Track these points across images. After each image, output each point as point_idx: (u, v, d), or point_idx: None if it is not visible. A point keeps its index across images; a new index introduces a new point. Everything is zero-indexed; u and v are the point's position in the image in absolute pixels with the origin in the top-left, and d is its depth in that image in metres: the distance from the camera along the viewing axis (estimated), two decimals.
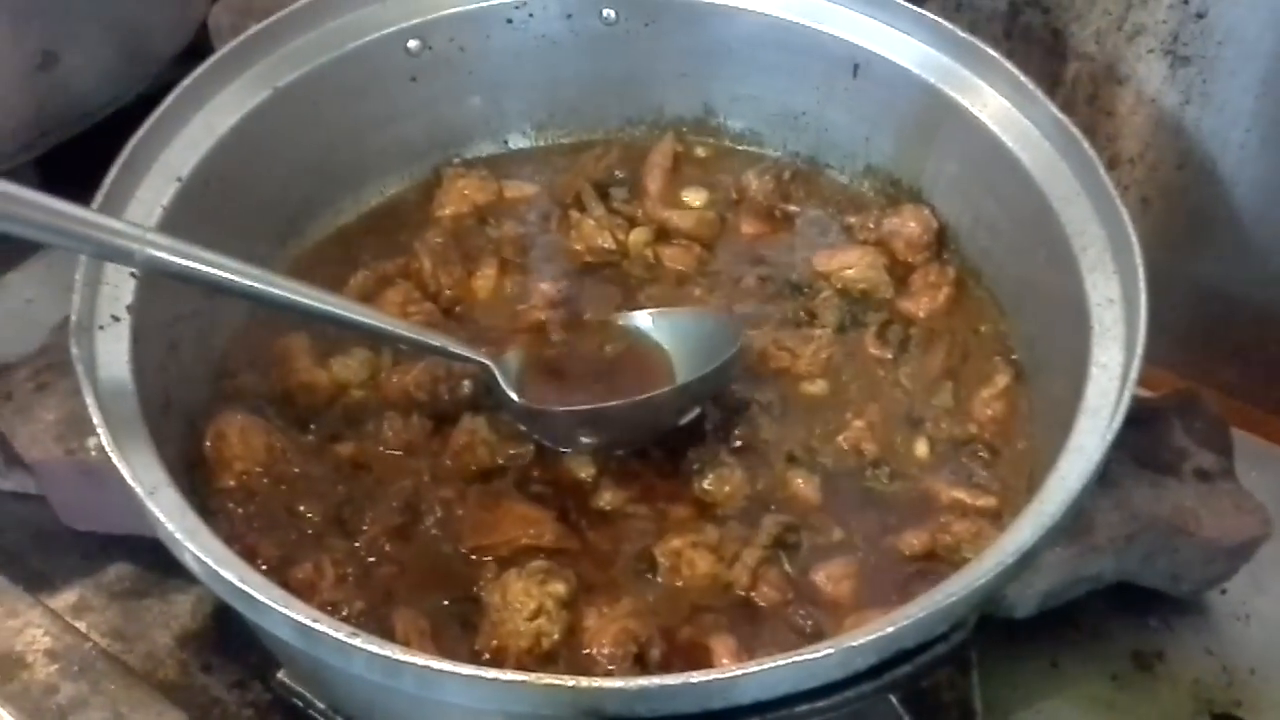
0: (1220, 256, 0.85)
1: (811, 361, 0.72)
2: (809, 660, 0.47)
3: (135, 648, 0.72)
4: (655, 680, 0.47)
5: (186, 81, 0.69)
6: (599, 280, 0.77)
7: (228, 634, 0.72)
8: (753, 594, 0.61)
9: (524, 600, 0.58)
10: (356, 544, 0.63)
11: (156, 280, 0.64)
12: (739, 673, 0.47)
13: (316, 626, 0.48)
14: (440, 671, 0.46)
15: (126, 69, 0.93)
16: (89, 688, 0.69)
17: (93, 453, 0.73)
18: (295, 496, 0.64)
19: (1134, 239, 0.61)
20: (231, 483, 0.64)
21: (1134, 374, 0.57)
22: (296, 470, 0.65)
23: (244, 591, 0.50)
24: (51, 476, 0.74)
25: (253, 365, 0.70)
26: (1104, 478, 0.73)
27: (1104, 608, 0.74)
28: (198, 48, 0.95)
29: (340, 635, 0.47)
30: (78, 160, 0.91)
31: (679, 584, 0.62)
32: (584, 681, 0.46)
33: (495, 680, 0.47)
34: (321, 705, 0.66)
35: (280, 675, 0.68)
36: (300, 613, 0.48)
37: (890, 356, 0.72)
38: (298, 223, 0.78)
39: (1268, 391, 0.86)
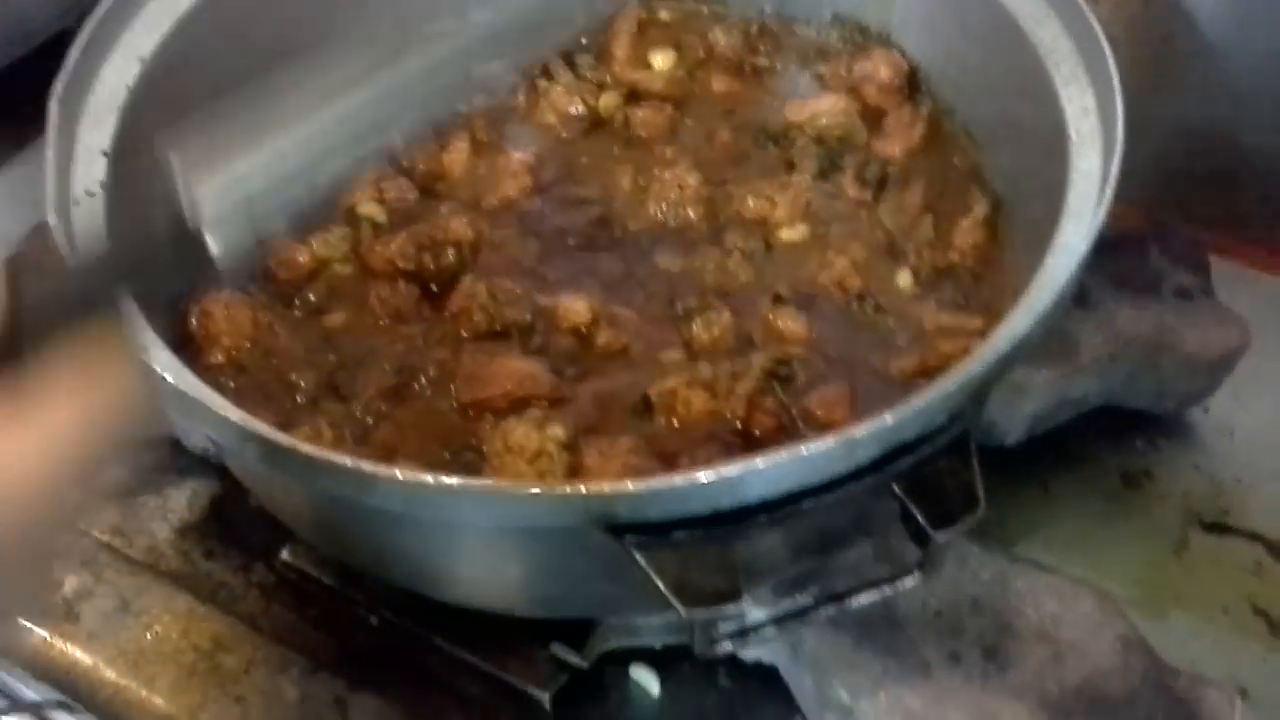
0: (1189, 93, 0.85)
1: (791, 207, 0.72)
2: (813, 453, 0.47)
3: (136, 542, 0.72)
4: (663, 481, 0.47)
5: None
6: (572, 147, 0.77)
7: (227, 522, 0.72)
8: (750, 423, 0.62)
9: (524, 444, 0.59)
10: (352, 407, 0.63)
11: (128, 159, 0.63)
12: (745, 469, 0.47)
13: (333, 459, 0.48)
14: (454, 488, 0.47)
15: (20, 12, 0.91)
16: (93, 579, 0.69)
17: None
18: (286, 367, 0.64)
19: (1105, 46, 0.62)
20: (221, 358, 0.64)
21: (1114, 173, 0.57)
22: (285, 343, 0.65)
23: (255, 433, 0.50)
24: None
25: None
26: (1085, 300, 0.75)
27: (1090, 432, 0.75)
28: None
29: (361, 466, 0.47)
30: (21, 83, 0.90)
31: (676, 423, 0.62)
32: (594, 487, 0.47)
33: (508, 493, 0.47)
34: (327, 580, 0.67)
35: (284, 554, 0.69)
36: (314, 449, 0.48)
37: (869, 197, 0.73)
38: None
39: (1243, 221, 0.87)
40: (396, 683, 0.65)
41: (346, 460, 0.48)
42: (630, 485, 0.47)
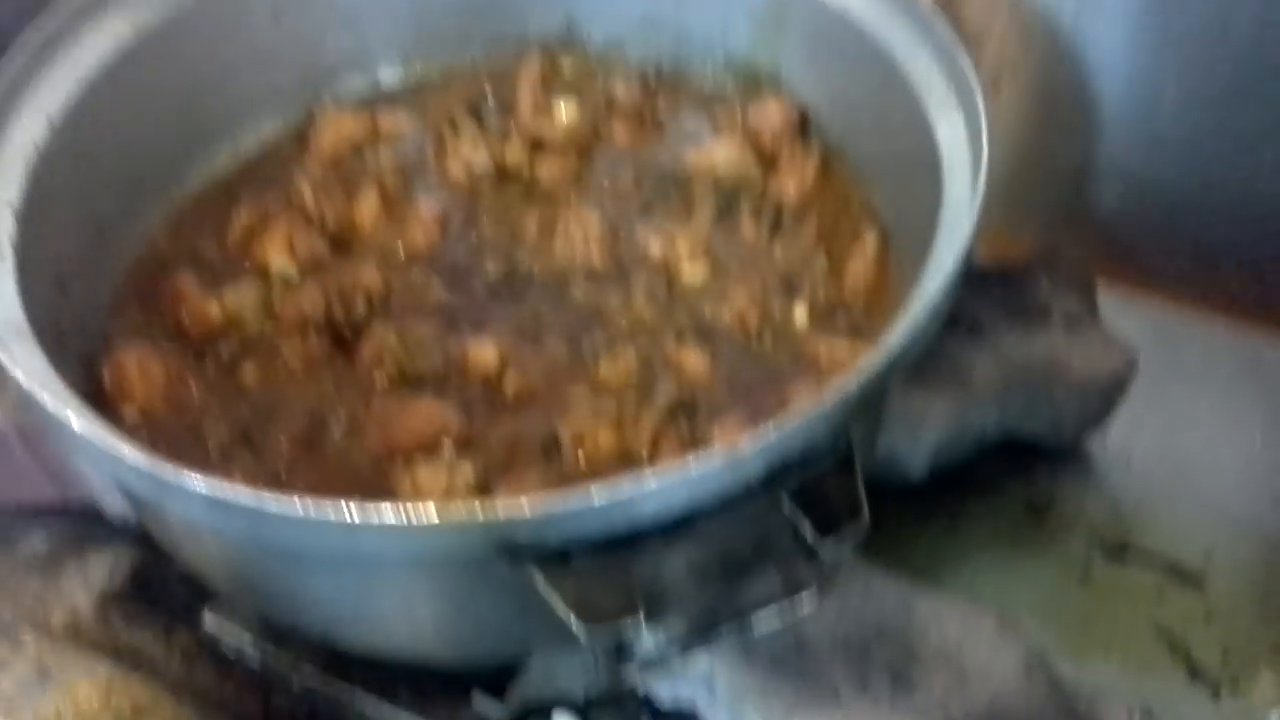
0: (1071, 127, 0.90)
1: (692, 246, 0.74)
2: (701, 469, 0.49)
3: (56, 611, 0.72)
4: (558, 499, 0.49)
5: (46, 17, 0.69)
6: (479, 198, 0.79)
7: (148, 588, 0.73)
8: (656, 457, 0.63)
9: (433, 484, 0.60)
10: (265, 457, 0.64)
11: (36, 217, 0.64)
12: (636, 487, 0.49)
13: (234, 493, 0.49)
14: (356, 521, 0.48)
15: None
16: (9, 650, 0.69)
17: None
18: (199, 420, 0.65)
19: (968, 69, 0.65)
20: (134, 412, 0.65)
21: (980, 189, 0.60)
22: (198, 396, 0.66)
23: (159, 475, 0.51)
24: None
25: (143, 303, 0.71)
26: (977, 329, 0.78)
27: (993, 467, 0.78)
28: None
29: (262, 498, 0.48)
30: None
31: (584, 460, 0.64)
32: (490, 507, 0.48)
33: (408, 519, 0.48)
34: (248, 641, 0.67)
35: (206, 618, 0.69)
36: (214, 485, 0.49)
37: (765, 235, 0.75)
38: (176, 169, 0.78)
39: (1129, 253, 0.91)
40: None
41: (245, 494, 0.49)
42: (525, 503, 0.49)
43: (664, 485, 0.49)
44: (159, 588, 0.72)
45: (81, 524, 0.75)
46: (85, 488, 0.74)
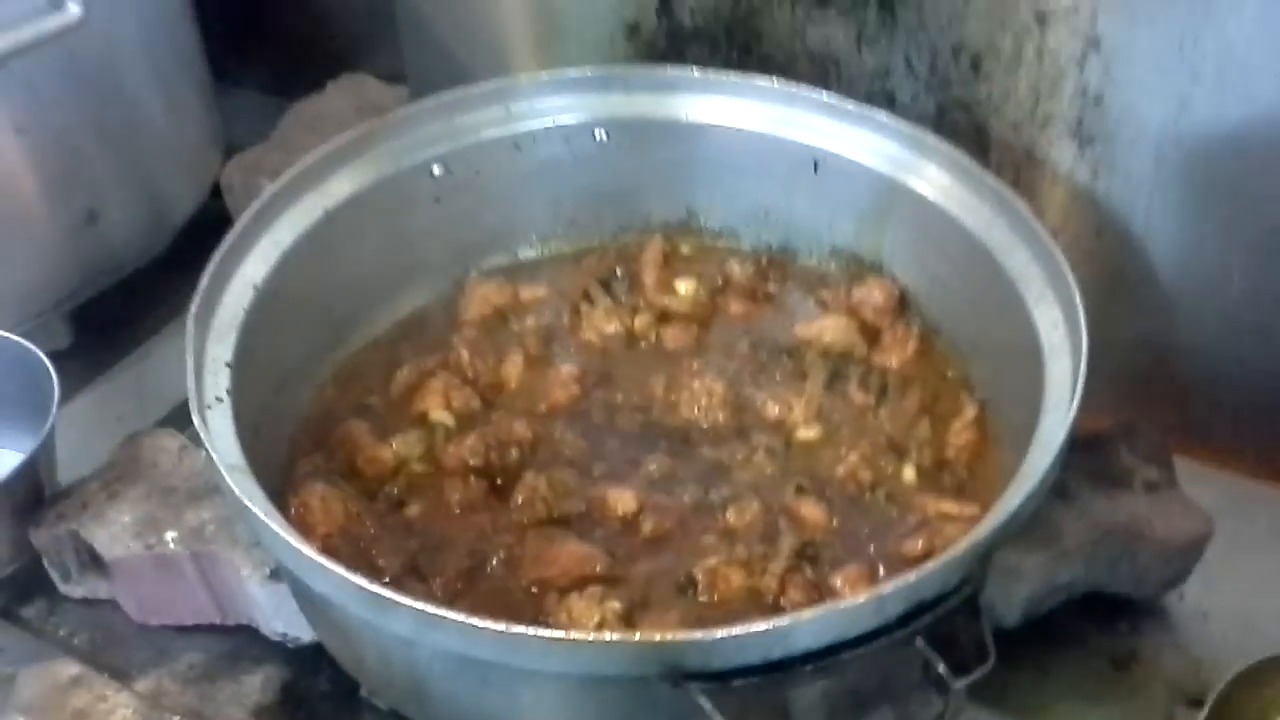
0: (1143, 312, 0.97)
1: (806, 410, 0.82)
2: (848, 608, 0.56)
3: None
4: (726, 630, 0.56)
5: (255, 206, 0.80)
6: (611, 361, 0.88)
7: (299, 704, 0.79)
8: (782, 599, 0.70)
9: (586, 616, 0.67)
10: (432, 586, 0.71)
11: (242, 370, 0.74)
12: (794, 620, 0.56)
13: (428, 608, 0.56)
14: (544, 637, 0.55)
15: (153, 225, 1.05)
16: None
17: (170, 545, 0.81)
18: (373, 552, 0.73)
19: (1067, 270, 0.74)
20: (317, 545, 0.72)
21: (1081, 374, 0.68)
22: (372, 531, 0.74)
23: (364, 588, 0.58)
24: (129, 573, 0.82)
25: (320, 446, 0.80)
26: (1065, 492, 0.85)
27: (1079, 617, 0.83)
28: (207, 208, 1.07)
29: (450, 613, 0.56)
30: (106, 312, 1.02)
31: (716, 597, 0.71)
32: (665, 635, 0.55)
33: (586, 641, 0.55)
34: None
35: None
36: (413, 600, 0.57)
37: (872, 401, 0.83)
38: (342, 331, 0.88)
39: (1201, 428, 0.97)
40: None
41: (447, 611, 0.56)
42: (700, 634, 0.55)
43: (816, 619, 0.56)
44: (308, 705, 0.78)
45: (237, 643, 0.81)
46: (245, 610, 0.81)
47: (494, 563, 0.73)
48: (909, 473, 0.79)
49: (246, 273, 0.78)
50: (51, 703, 0.78)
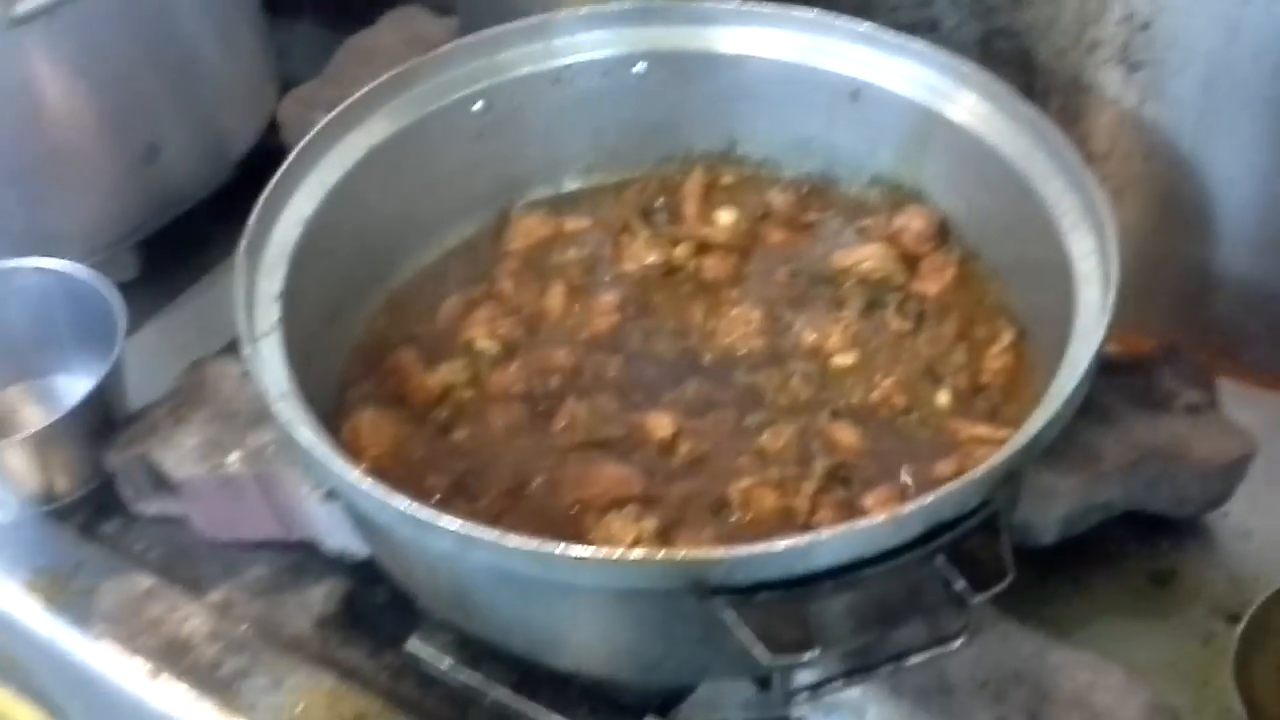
0: (1190, 235, 0.97)
1: (843, 337, 0.84)
2: (870, 526, 0.58)
3: (280, 632, 0.83)
4: (749, 548, 0.58)
5: (301, 145, 0.82)
6: (651, 291, 0.90)
7: (358, 615, 0.83)
8: (813, 519, 0.72)
9: (623, 534, 0.70)
10: (478, 505, 0.74)
11: (291, 305, 0.77)
12: (814, 539, 0.58)
13: (484, 532, 0.59)
14: (583, 555, 0.58)
15: (213, 160, 1.08)
16: (249, 661, 0.80)
17: (231, 466, 0.85)
18: (421, 474, 0.76)
19: (1101, 199, 0.74)
20: (368, 466, 0.76)
21: (1110, 303, 0.69)
22: (421, 453, 0.78)
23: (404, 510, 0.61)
24: (196, 493, 0.86)
25: (369, 374, 0.83)
26: (1105, 415, 0.85)
27: (1119, 535, 0.84)
28: (266, 142, 1.10)
29: (503, 536, 0.60)
30: (171, 245, 1.06)
31: (749, 518, 0.73)
32: (693, 553, 0.58)
33: (623, 559, 0.58)
34: (447, 660, 0.77)
35: (411, 642, 0.79)
36: (453, 520, 0.60)
37: (910, 328, 0.84)
38: (392, 261, 0.91)
39: (1245, 351, 0.97)
40: None
41: (493, 532, 0.59)
42: (722, 551, 0.58)
43: (836, 538, 0.58)
44: (368, 615, 0.82)
45: (300, 558, 0.85)
46: (305, 527, 0.85)
47: (536, 484, 0.76)
48: (944, 398, 0.80)
49: (295, 208, 0.81)
50: (130, 612, 0.83)
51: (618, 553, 0.59)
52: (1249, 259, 0.95)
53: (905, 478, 0.74)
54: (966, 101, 0.85)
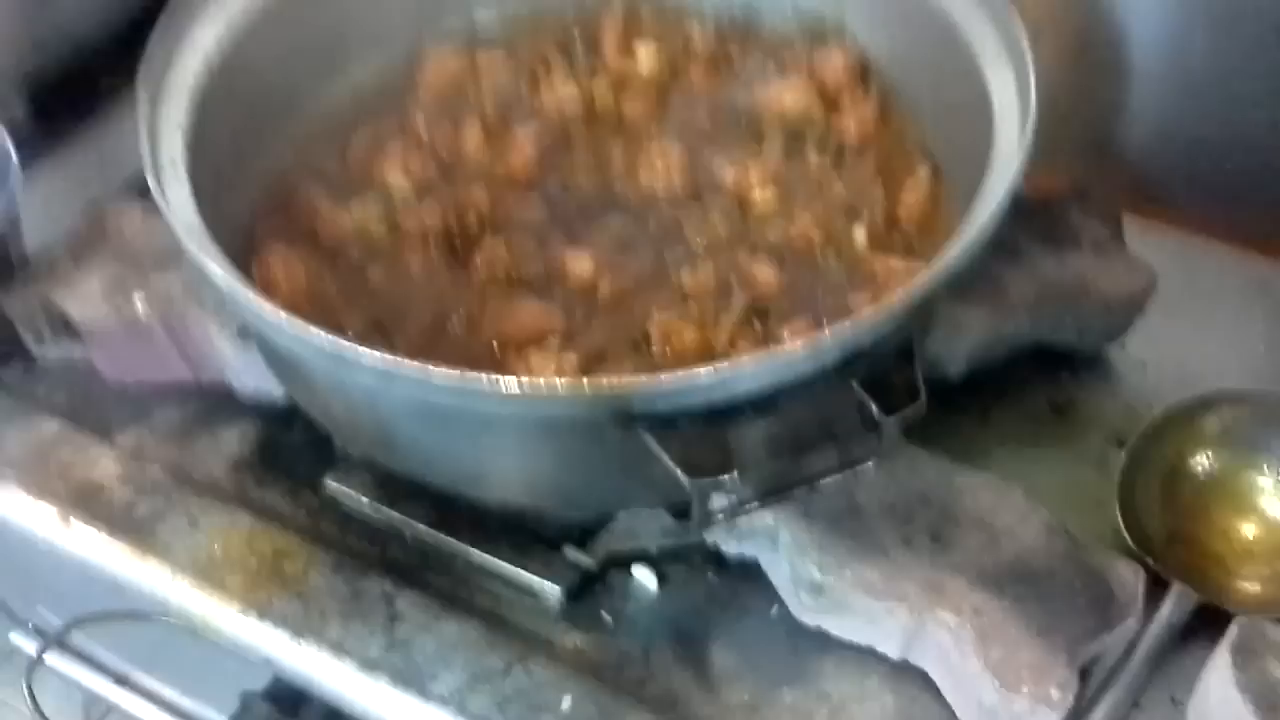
0: (1104, 76, 0.98)
1: (762, 173, 0.83)
2: (789, 354, 0.59)
3: (194, 474, 0.82)
4: (669, 376, 0.59)
5: None
6: (570, 130, 0.88)
7: (275, 457, 0.83)
8: (733, 352, 0.73)
9: (544, 368, 0.70)
10: (396, 343, 0.74)
11: (197, 141, 0.74)
12: (734, 366, 0.59)
13: (405, 363, 0.59)
14: (502, 384, 0.58)
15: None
16: (163, 503, 0.80)
17: (136, 307, 0.83)
18: (336, 312, 0.75)
19: (1021, 32, 0.74)
20: (281, 305, 0.74)
21: (1028, 138, 0.69)
22: (334, 293, 0.76)
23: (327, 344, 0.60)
24: (100, 335, 0.84)
25: (280, 213, 0.81)
26: (1015, 252, 0.87)
27: (1023, 371, 0.87)
28: None
29: (426, 367, 0.59)
30: (63, 82, 1.01)
31: (670, 353, 0.74)
32: (613, 381, 0.58)
33: (543, 387, 0.58)
34: (365, 500, 0.78)
35: (327, 482, 0.79)
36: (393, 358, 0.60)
37: (828, 164, 0.84)
38: (298, 99, 0.87)
39: (1153, 190, 0.99)
40: (433, 583, 0.76)
41: (414, 364, 0.59)
42: (645, 379, 0.58)
43: (756, 365, 0.59)
44: (284, 457, 0.82)
45: (211, 401, 0.84)
46: (215, 369, 0.84)
47: (455, 322, 0.75)
48: (860, 233, 0.80)
49: (196, 37, 0.77)
50: (37, 458, 0.82)
51: (543, 382, 0.58)
52: (1161, 97, 0.96)
53: (821, 310, 0.75)
54: None
